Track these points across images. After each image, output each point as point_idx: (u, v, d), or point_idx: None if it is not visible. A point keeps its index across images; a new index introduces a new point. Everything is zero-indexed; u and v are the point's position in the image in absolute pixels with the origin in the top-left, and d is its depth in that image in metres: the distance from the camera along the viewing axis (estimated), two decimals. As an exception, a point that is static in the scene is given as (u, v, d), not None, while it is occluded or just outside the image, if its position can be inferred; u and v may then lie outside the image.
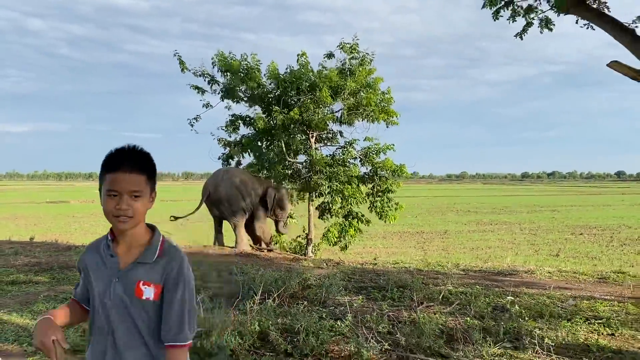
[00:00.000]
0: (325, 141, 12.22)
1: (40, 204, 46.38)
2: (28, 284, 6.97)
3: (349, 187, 10.92)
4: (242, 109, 12.26)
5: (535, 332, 4.42)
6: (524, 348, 4.30)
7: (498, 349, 4.32)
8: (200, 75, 11.54)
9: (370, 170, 11.71)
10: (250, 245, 11.17)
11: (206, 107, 11.66)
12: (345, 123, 11.73)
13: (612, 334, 4.90)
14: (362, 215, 11.87)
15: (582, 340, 4.67)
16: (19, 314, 5.45)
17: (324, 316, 5.03)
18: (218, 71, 11.37)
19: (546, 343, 4.22)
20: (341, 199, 11.18)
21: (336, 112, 11.73)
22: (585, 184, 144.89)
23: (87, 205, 45.69)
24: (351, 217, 11.65)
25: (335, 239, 11.47)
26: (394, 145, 11.71)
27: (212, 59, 11.32)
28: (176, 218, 11.03)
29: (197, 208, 10.94)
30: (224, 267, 7.77)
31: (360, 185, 11.63)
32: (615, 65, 4.44)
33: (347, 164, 11.43)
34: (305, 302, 5.46)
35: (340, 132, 12.18)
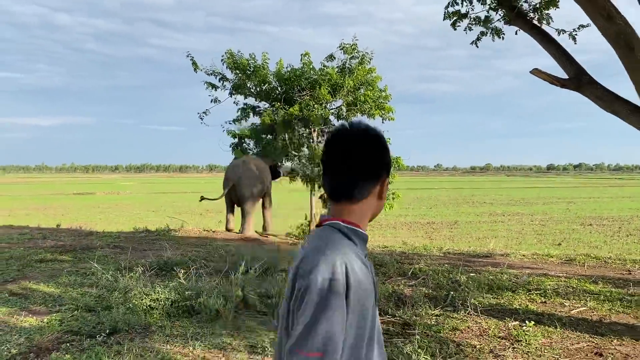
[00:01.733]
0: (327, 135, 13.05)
1: (67, 196, 48.14)
2: (54, 262, 7.97)
3: (345, 177, 11.73)
4: (251, 102, 13.16)
5: (471, 299, 5.24)
6: (458, 311, 5.13)
7: (437, 310, 5.16)
8: (211, 74, 12.47)
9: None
10: (256, 232, 12.21)
11: (214, 102, 12.61)
12: (344, 119, 12.54)
13: (544, 302, 5.70)
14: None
15: (515, 306, 5.48)
16: (46, 284, 6.43)
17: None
18: (227, 68, 12.30)
19: (478, 306, 5.05)
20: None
21: (335, 108, 12.54)
22: (612, 176, 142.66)
23: (111, 197, 47.31)
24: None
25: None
26: (389, 139, 12.48)
27: (221, 57, 12.25)
28: (204, 198, 12.69)
29: (223, 195, 12.14)
30: (226, 248, 8.70)
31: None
32: (536, 72, 5.18)
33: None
34: (284, 274, 6.34)
35: (342, 127, 12.99)
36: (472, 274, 6.98)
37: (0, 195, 48.96)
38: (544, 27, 6.08)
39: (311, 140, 12.45)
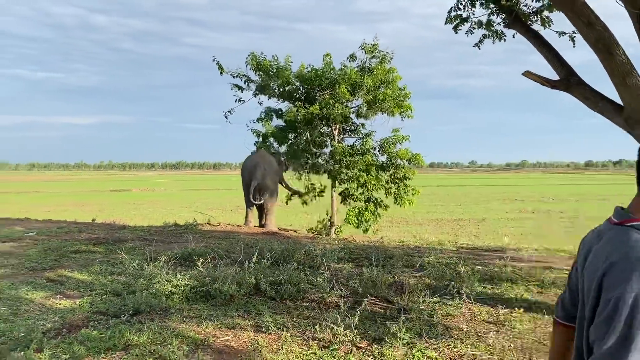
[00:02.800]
0: (349, 133, 13.45)
1: (104, 192, 49.71)
2: (87, 253, 8.59)
3: (364, 175, 12.11)
4: (274, 103, 13.63)
5: (466, 288, 5.59)
6: (454, 299, 5.48)
7: (435, 298, 5.52)
8: (236, 76, 13.00)
9: (387, 159, 12.86)
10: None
11: (239, 102, 13.14)
12: (363, 117, 12.93)
13: (541, 292, 5.99)
14: (381, 201, 13.05)
15: (511, 295, 5.79)
16: (79, 272, 7.02)
17: (307, 274, 6.35)
18: (251, 69, 12.81)
19: (470, 294, 5.40)
20: (359, 185, 12.40)
21: (355, 106, 12.92)
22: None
23: (147, 194, 48.65)
24: (370, 202, 12.86)
25: (356, 222, 12.69)
26: (409, 136, 12.83)
27: (245, 59, 12.77)
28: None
29: (249, 196, 12.56)
30: (246, 241, 9.19)
31: (379, 173, 12.79)
32: (527, 74, 5.45)
33: (367, 154, 12.60)
34: (296, 264, 6.78)
35: (363, 125, 13.38)
36: (478, 267, 7.28)
37: (42, 192, 50.90)
38: (547, 28, 6.36)
39: (332, 138, 12.86)
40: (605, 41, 4.61)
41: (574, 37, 6.27)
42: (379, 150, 12.97)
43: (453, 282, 5.99)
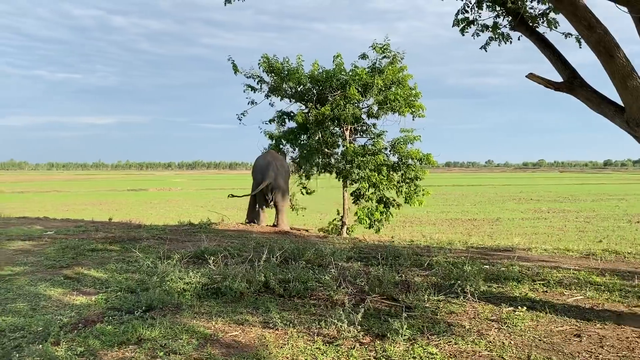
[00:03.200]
0: (360, 133, 13.57)
1: (121, 192, 50.34)
2: (103, 251, 8.82)
3: (375, 174, 12.22)
4: (286, 105, 13.79)
5: (469, 286, 5.69)
6: (459, 297, 5.59)
7: (441, 296, 5.63)
8: (250, 77, 13.19)
9: (398, 159, 12.96)
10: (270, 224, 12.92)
11: (252, 104, 13.32)
12: (374, 117, 13.05)
13: (546, 291, 6.06)
14: (393, 200, 13.16)
15: (516, 294, 5.88)
16: (95, 270, 7.24)
17: (316, 272, 6.49)
18: (263, 71, 12.99)
19: (475, 292, 5.51)
20: (370, 185, 12.52)
21: (367, 107, 13.04)
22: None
23: (163, 193, 49.20)
24: (382, 202, 12.97)
25: (368, 221, 12.81)
26: (420, 136, 12.92)
27: (258, 61, 12.95)
28: (234, 196, 12.99)
29: (254, 192, 12.68)
30: (258, 240, 9.36)
31: (391, 172, 12.89)
32: (531, 76, 5.52)
33: (378, 154, 12.70)
34: (304, 262, 6.92)
35: (374, 125, 13.48)
36: (485, 266, 7.37)
37: (61, 191, 51.72)
38: (553, 30, 6.43)
39: (343, 138, 13.00)
40: (605, 44, 4.68)
41: (580, 38, 6.32)
42: (390, 150, 13.07)
43: (459, 281, 6.07)
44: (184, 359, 3.94)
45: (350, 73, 12.62)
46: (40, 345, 4.13)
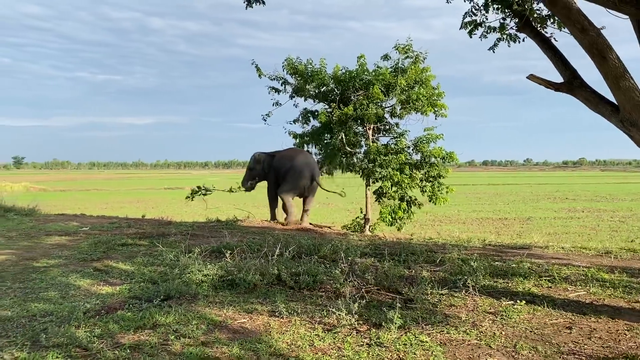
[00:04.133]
0: (383, 132, 13.78)
1: (158, 190, 51.65)
2: (133, 246, 9.31)
3: (397, 173, 12.41)
4: (310, 104, 14.08)
5: (471, 281, 5.89)
6: (461, 290, 5.80)
7: (444, 290, 5.85)
8: (274, 79, 13.57)
9: (421, 157, 13.13)
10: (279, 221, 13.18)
11: (276, 105, 13.70)
12: (397, 116, 13.25)
13: (550, 287, 6.20)
14: (415, 199, 13.33)
15: (519, 289, 6.05)
16: (123, 263, 7.70)
17: (327, 266, 6.79)
18: (287, 73, 13.34)
19: (476, 287, 5.71)
20: (392, 184, 12.72)
21: (389, 106, 13.25)
22: None
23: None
24: (404, 200, 13.16)
25: (390, 219, 13.01)
26: (442, 135, 13.06)
27: (282, 64, 13.32)
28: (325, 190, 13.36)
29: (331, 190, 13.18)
30: (278, 237, 9.70)
31: (414, 171, 13.06)
32: (532, 77, 5.66)
33: (400, 153, 12.89)
34: (317, 257, 7.22)
35: (397, 124, 13.68)
36: (497, 262, 7.52)
37: (101, 189, 53.42)
38: (562, 30, 6.55)
39: (366, 137, 13.24)
40: (598, 46, 4.82)
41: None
42: (412, 149, 13.25)
43: (466, 277, 6.26)
44: (193, 342, 4.29)
45: (373, 73, 12.85)
46: (64, 328, 4.55)
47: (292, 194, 12.82)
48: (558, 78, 5.74)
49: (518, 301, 5.44)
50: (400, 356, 3.98)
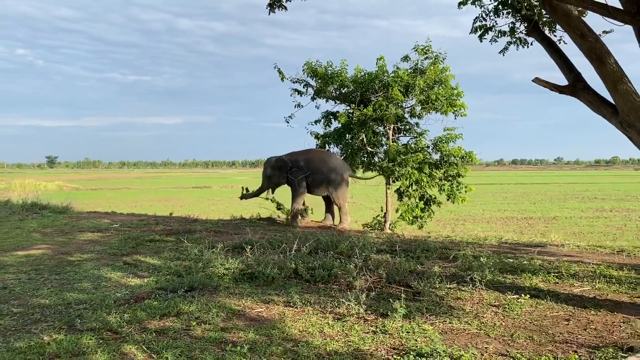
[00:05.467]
0: (403, 132, 14.03)
1: (186, 189, 52.63)
2: (160, 242, 9.79)
3: (415, 172, 12.64)
4: (331, 106, 14.37)
5: (476, 275, 6.16)
6: (468, 284, 6.06)
7: (451, 284, 6.13)
8: (295, 82, 13.94)
9: (440, 157, 13.34)
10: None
11: (298, 107, 14.05)
12: (416, 116, 13.49)
13: (557, 282, 6.41)
14: (435, 198, 13.55)
15: (526, 284, 6.28)
16: (151, 257, 8.16)
17: (342, 261, 7.11)
18: (308, 76, 13.70)
19: (481, 281, 5.98)
20: (412, 183, 12.96)
21: (409, 106, 13.49)
22: None
23: (226, 190, 50.94)
24: (423, 199, 13.40)
25: (411, 218, 13.26)
26: (462, 134, 13.25)
27: (302, 67, 13.69)
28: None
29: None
30: (299, 234, 10.06)
31: (433, 170, 13.28)
32: (537, 80, 5.87)
33: (420, 152, 13.12)
34: (333, 253, 7.55)
35: (417, 124, 13.91)
36: (509, 259, 7.74)
37: (131, 188, 54.68)
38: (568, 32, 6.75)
39: (387, 137, 13.51)
40: (597, 51, 5.04)
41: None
42: (432, 149, 13.47)
43: (476, 272, 6.51)
44: (213, 328, 4.68)
45: (392, 75, 13.11)
46: (96, 314, 4.99)
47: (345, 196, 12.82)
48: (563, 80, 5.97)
49: (522, 295, 5.69)
50: (402, 342, 4.29)
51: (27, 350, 4.12)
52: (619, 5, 5.09)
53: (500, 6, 6.96)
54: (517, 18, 6.86)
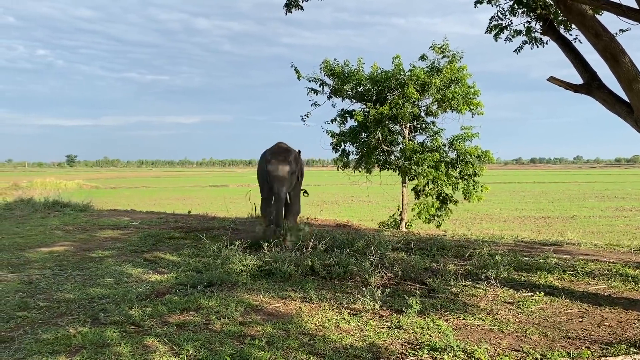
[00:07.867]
0: (420, 131, 14.05)
1: (204, 188, 53.06)
2: (179, 239, 9.97)
3: (432, 170, 12.67)
4: (347, 104, 14.40)
5: (490, 273, 6.21)
6: (483, 282, 6.12)
7: (466, 281, 6.19)
8: (312, 81, 14.02)
9: (457, 155, 13.34)
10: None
11: (315, 106, 14.12)
12: (432, 115, 13.50)
13: (572, 280, 6.43)
14: (451, 197, 13.56)
15: (541, 282, 6.31)
16: (171, 254, 8.34)
17: (358, 259, 7.20)
18: (325, 75, 13.77)
19: (496, 279, 6.04)
20: (428, 181, 12.99)
21: (425, 105, 13.51)
22: None
23: (243, 189, 51.21)
24: (440, 198, 13.42)
25: (428, 216, 13.29)
26: (478, 134, 13.24)
27: (319, 66, 13.76)
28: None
29: None
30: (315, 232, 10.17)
31: (449, 169, 13.29)
32: (552, 79, 5.90)
33: (436, 151, 13.14)
34: (349, 250, 7.64)
35: (433, 122, 13.91)
36: (525, 257, 7.76)
37: (149, 187, 55.26)
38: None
39: (403, 136, 13.55)
40: (611, 50, 5.06)
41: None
42: (448, 147, 13.48)
43: (490, 270, 6.56)
44: (231, 322, 4.81)
45: (409, 73, 13.13)
46: (119, 308, 5.15)
47: None
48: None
49: (537, 292, 5.73)
50: (417, 337, 4.38)
51: (54, 342, 4.29)
52: (634, 5, 5.11)
53: (515, 5, 6.99)
54: (533, 17, 6.88)
